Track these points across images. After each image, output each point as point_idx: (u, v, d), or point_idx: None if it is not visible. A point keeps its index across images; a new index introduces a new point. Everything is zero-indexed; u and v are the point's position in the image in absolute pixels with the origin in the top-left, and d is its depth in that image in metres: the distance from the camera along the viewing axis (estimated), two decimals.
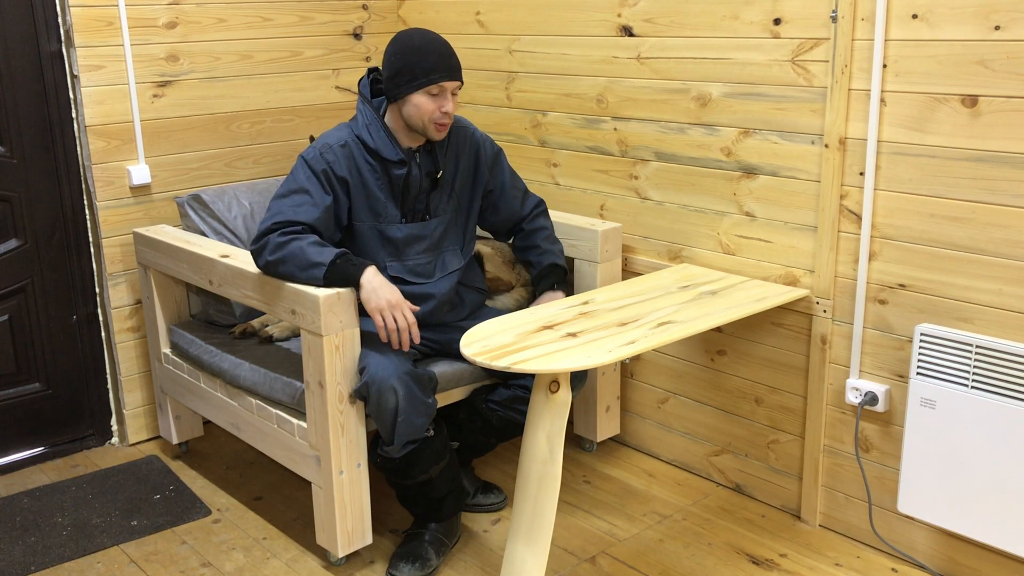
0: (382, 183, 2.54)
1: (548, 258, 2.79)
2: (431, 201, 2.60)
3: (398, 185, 2.54)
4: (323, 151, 2.50)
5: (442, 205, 2.63)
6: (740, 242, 2.78)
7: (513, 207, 2.80)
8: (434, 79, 2.43)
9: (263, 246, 2.45)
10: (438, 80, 2.44)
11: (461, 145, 2.68)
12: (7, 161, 3.05)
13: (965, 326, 2.31)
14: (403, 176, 2.53)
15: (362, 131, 2.53)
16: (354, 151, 2.52)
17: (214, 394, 2.88)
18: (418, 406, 2.35)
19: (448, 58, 2.47)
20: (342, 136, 2.54)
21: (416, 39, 2.47)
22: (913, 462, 2.37)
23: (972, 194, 2.25)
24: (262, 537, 2.75)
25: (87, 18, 3.00)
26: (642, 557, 2.62)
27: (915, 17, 2.26)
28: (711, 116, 2.76)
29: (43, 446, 3.26)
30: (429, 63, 2.43)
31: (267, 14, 3.40)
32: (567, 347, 2.18)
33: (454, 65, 2.48)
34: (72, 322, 3.25)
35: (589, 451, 3.20)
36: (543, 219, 2.86)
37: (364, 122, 2.53)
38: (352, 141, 2.53)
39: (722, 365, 2.91)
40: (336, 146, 2.51)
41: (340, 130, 2.57)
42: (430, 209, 2.61)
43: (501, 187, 2.77)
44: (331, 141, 2.52)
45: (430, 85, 2.43)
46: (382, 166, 2.53)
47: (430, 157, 2.58)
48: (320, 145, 2.52)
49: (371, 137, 2.51)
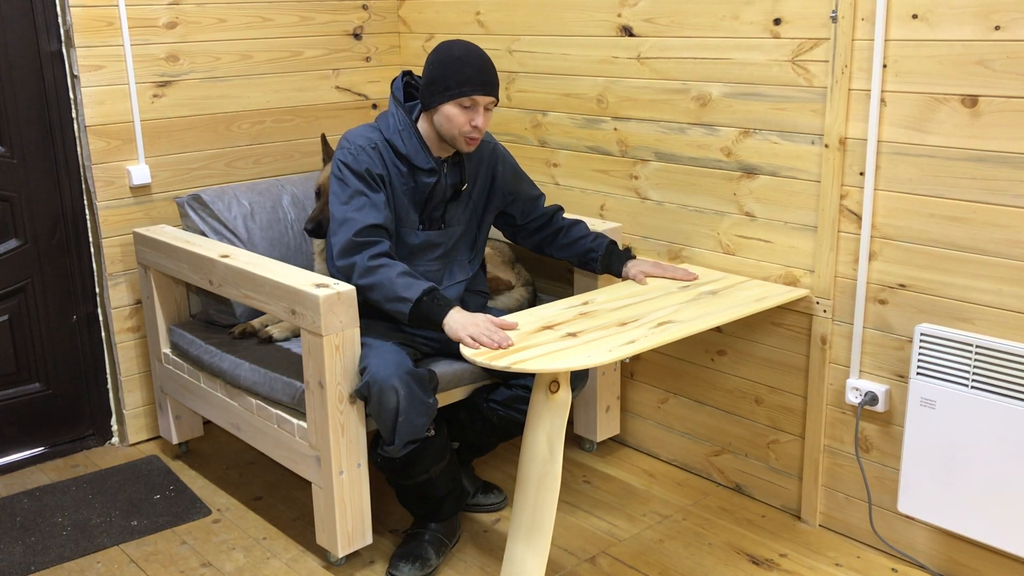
0: (407, 189, 2.54)
1: (602, 239, 2.78)
2: (448, 210, 2.61)
3: (423, 192, 2.54)
4: (356, 153, 2.49)
5: (458, 215, 2.64)
6: (740, 242, 2.78)
7: (536, 209, 2.83)
8: (466, 91, 2.43)
9: (351, 267, 2.43)
10: (470, 93, 2.43)
11: (483, 158, 2.69)
12: (7, 161, 3.05)
13: (965, 326, 2.31)
14: (431, 185, 2.53)
15: (393, 135, 2.52)
16: (384, 154, 2.51)
17: (214, 394, 2.88)
18: (419, 406, 2.35)
19: (484, 73, 2.45)
20: (372, 138, 2.52)
21: (456, 50, 2.46)
22: (913, 462, 2.37)
23: (972, 194, 2.25)
24: (262, 537, 2.75)
25: (87, 18, 3.00)
26: (642, 557, 2.62)
27: (915, 17, 2.26)
28: (711, 116, 2.76)
29: (43, 446, 3.26)
30: (464, 75, 2.43)
31: (267, 14, 3.40)
32: (567, 347, 2.18)
33: (489, 80, 2.46)
34: (72, 322, 3.25)
35: (589, 451, 3.20)
36: (564, 217, 2.86)
37: (396, 127, 2.52)
38: (381, 144, 2.52)
39: (722, 365, 2.91)
40: (368, 147, 2.50)
41: (369, 131, 2.55)
42: (446, 218, 2.62)
43: (523, 195, 2.79)
44: (362, 143, 2.51)
45: (462, 97, 2.43)
46: (411, 172, 2.53)
47: (457, 168, 2.59)
48: (352, 148, 2.50)
49: (403, 143, 2.51)
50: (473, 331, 2.26)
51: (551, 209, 2.85)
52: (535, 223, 2.84)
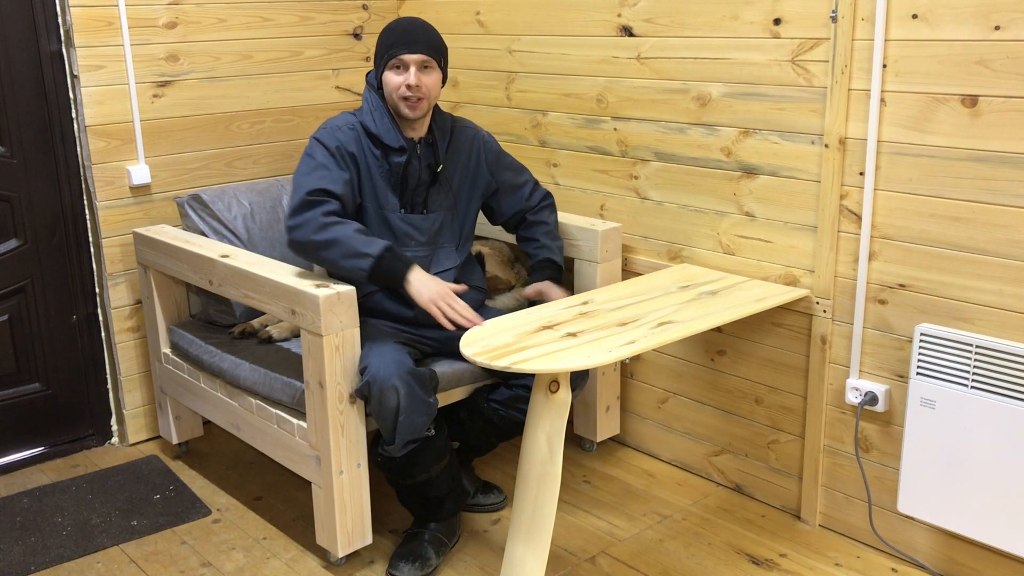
0: (383, 170, 2.57)
1: (544, 252, 2.81)
2: (429, 195, 2.62)
3: (397, 174, 2.56)
4: (332, 131, 2.56)
5: (440, 200, 2.65)
6: (740, 242, 2.78)
7: (519, 200, 2.83)
8: (393, 53, 2.49)
9: (304, 223, 2.43)
10: (396, 53, 2.49)
11: (463, 145, 2.70)
12: (7, 161, 3.05)
13: (965, 326, 2.31)
14: (402, 164, 2.55)
15: (365, 117, 2.58)
16: (360, 135, 2.57)
17: (214, 394, 2.88)
18: (419, 405, 2.35)
19: (409, 33, 2.50)
20: (348, 120, 2.59)
21: (392, 23, 2.55)
22: (913, 462, 2.37)
23: (972, 194, 2.25)
24: (262, 537, 2.75)
25: (87, 18, 3.00)
26: (642, 557, 2.62)
27: (915, 17, 2.26)
28: (711, 116, 2.76)
29: (43, 446, 3.26)
30: (390, 40, 2.51)
31: (267, 14, 3.40)
32: (567, 347, 2.18)
33: (415, 39, 2.49)
34: (72, 322, 3.25)
35: (589, 451, 3.20)
36: (546, 213, 2.87)
37: (368, 108, 2.58)
38: (358, 126, 2.58)
39: (722, 365, 2.91)
40: (345, 128, 2.57)
41: (345, 116, 2.62)
42: (428, 203, 2.62)
43: (507, 184, 2.80)
44: (338, 123, 2.58)
45: (391, 59, 2.50)
46: (383, 153, 2.56)
47: (431, 150, 2.61)
48: (328, 127, 2.58)
49: (374, 123, 2.55)
50: (438, 299, 2.39)
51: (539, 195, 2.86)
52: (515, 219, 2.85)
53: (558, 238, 2.87)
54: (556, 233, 2.87)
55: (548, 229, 2.85)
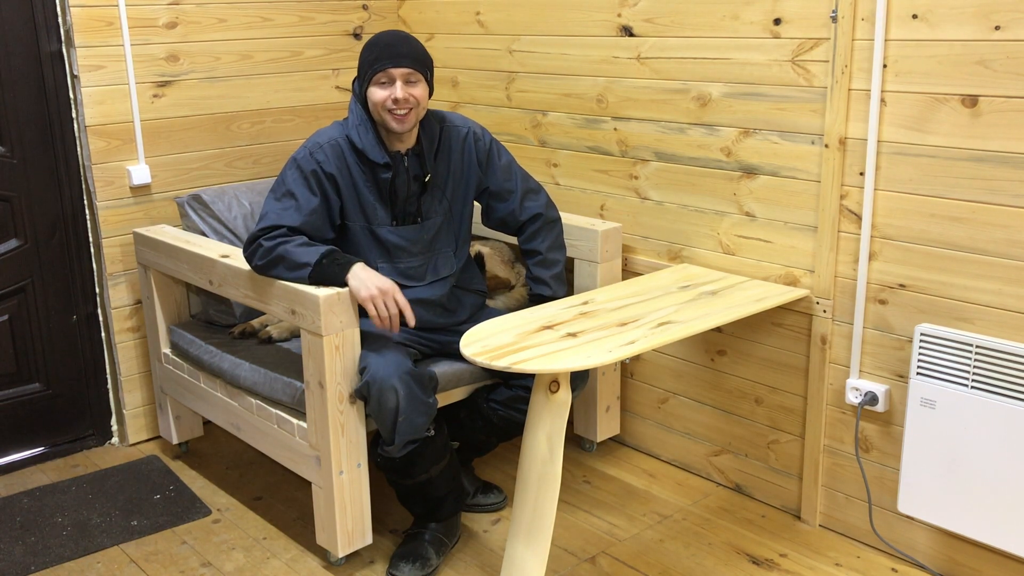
0: (371, 185, 2.54)
1: (534, 287, 2.73)
2: (422, 204, 2.59)
3: (385, 189, 2.53)
4: (313, 150, 2.51)
5: (434, 207, 2.62)
6: (740, 242, 2.78)
7: (506, 209, 2.72)
8: (377, 67, 2.45)
9: (253, 251, 2.48)
10: (381, 68, 2.44)
11: (453, 146, 2.64)
12: (7, 161, 3.05)
13: (965, 326, 2.31)
14: (389, 180, 2.52)
15: (351, 131, 2.53)
16: (344, 150, 2.52)
17: (214, 394, 2.88)
18: (419, 406, 2.35)
19: (393, 46, 2.46)
20: (334, 134, 2.54)
21: (374, 37, 2.50)
22: (913, 462, 2.37)
23: (972, 194, 2.25)
24: (262, 537, 2.75)
25: (87, 18, 3.00)
26: (642, 557, 2.62)
27: (915, 17, 2.26)
28: (711, 116, 2.76)
29: (43, 446, 3.26)
30: (374, 55, 2.47)
31: (267, 14, 3.40)
32: (567, 347, 2.18)
33: (399, 52, 2.45)
34: (72, 322, 3.25)
35: (589, 451, 3.20)
36: (539, 240, 2.74)
37: (354, 122, 2.53)
38: (343, 140, 2.53)
39: (722, 365, 2.91)
40: (327, 145, 2.51)
41: (333, 128, 2.57)
42: (422, 212, 2.59)
43: (495, 186, 2.70)
44: (322, 140, 2.53)
45: (376, 74, 2.45)
46: (369, 168, 2.52)
47: (419, 160, 2.56)
48: (311, 144, 2.53)
49: (359, 138, 2.50)
50: (377, 296, 2.36)
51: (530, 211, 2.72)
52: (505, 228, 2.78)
53: (553, 264, 2.73)
54: (550, 260, 2.73)
55: (541, 258, 2.72)
